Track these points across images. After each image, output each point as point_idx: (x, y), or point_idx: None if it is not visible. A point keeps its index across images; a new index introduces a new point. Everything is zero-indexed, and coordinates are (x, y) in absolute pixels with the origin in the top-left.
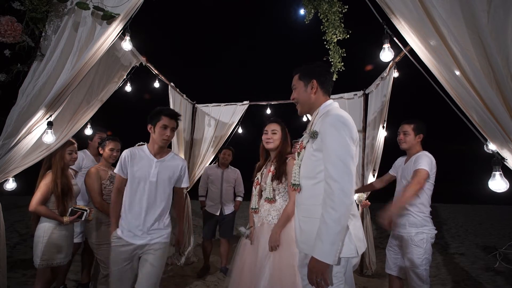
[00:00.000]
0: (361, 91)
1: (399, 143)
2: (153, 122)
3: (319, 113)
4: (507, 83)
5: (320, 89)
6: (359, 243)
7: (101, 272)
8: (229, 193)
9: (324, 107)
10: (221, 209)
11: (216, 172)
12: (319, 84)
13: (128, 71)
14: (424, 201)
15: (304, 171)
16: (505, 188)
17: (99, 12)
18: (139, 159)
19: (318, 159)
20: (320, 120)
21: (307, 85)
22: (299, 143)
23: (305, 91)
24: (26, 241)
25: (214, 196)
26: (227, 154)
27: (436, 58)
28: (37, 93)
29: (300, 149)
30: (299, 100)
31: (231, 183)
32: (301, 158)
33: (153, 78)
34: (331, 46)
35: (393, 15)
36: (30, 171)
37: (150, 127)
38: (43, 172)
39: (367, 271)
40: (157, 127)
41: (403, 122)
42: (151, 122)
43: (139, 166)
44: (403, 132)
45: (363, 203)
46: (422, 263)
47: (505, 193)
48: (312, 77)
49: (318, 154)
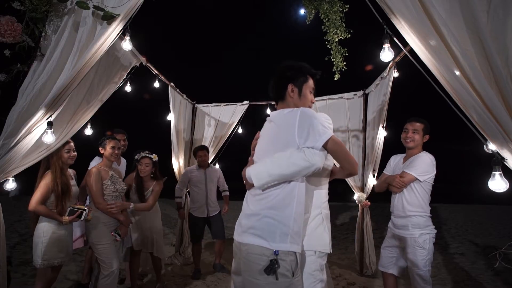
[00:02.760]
0: (361, 91)
1: (405, 141)
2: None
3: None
4: (507, 83)
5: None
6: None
7: (101, 272)
8: (213, 192)
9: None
10: (207, 210)
11: (198, 174)
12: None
13: (128, 71)
14: (425, 201)
15: None
16: (505, 188)
17: (99, 12)
18: None
19: None
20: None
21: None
22: None
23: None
24: (26, 241)
25: (199, 198)
26: (204, 155)
27: (436, 58)
28: (37, 93)
29: None
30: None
31: (215, 182)
32: None
33: (153, 78)
34: (332, 46)
35: (393, 15)
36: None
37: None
38: (42, 172)
39: (367, 271)
40: None
41: (411, 119)
42: None
43: None
44: (413, 130)
45: (363, 203)
46: (425, 264)
47: (505, 193)
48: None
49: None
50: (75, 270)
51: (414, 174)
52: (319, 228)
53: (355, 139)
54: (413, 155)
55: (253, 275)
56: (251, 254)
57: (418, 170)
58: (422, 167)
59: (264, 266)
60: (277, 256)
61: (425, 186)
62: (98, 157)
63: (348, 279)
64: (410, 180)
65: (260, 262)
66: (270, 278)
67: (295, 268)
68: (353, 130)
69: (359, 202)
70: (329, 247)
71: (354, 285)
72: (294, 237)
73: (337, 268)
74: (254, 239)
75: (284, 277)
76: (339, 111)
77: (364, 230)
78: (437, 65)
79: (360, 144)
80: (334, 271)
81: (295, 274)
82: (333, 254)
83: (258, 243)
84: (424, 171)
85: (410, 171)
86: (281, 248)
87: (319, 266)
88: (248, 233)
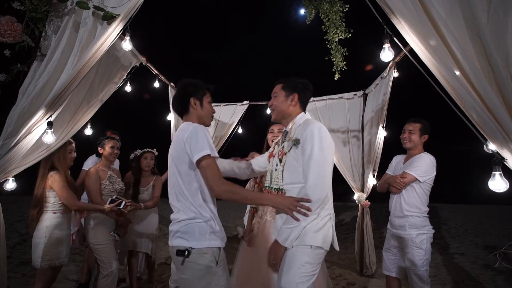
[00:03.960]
0: (361, 91)
1: (403, 142)
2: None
3: (296, 123)
4: (507, 83)
5: (299, 103)
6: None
7: (101, 272)
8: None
9: (300, 118)
10: None
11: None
12: (299, 98)
13: (128, 71)
14: (423, 201)
15: (287, 176)
16: (505, 188)
17: (100, 12)
18: None
19: (301, 164)
20: (299, 129)
21: (288, 96)
22: (280, 149)
23: (285, 101)
24: (26, 241)
25: None
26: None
27: (436, 58)
28: (37, 93)
29: (282, 156)
30: (276, 108)
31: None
32: (284, 164)
33: (153, 78)
34: (333, 46)
35: (393, 15)
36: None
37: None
38: (43, 173)
39: (367, 271)
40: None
41: (410, 120)
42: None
43: None
44: (409, 130)
45: (363, 203)
46: (423, 264)
47: (505, 193)
48: (294, 90)
49: (301, 160)
50: (75, 270)
51: (414, 174)
52: (326, 226)
53: (355, 139)
54: (414, 155)
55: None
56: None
57: (419, 171)
58: (423, 167)
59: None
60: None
61: (424, 186)
62: (94, 156)
63: (348, 279)
64: (410, 181)
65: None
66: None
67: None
68: (353, 130)
69: (359, 202)
70: (334, 245)
71: (354, 285)
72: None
73: (337, 268)
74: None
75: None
76: (339, 111)
77: (364, 230)
78: (437, 65)
79: (360, 144)
80: (334, 271)
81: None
82: (333, 254)
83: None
84: (424, 172)
85: (410, 171)
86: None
87: (311, 259)
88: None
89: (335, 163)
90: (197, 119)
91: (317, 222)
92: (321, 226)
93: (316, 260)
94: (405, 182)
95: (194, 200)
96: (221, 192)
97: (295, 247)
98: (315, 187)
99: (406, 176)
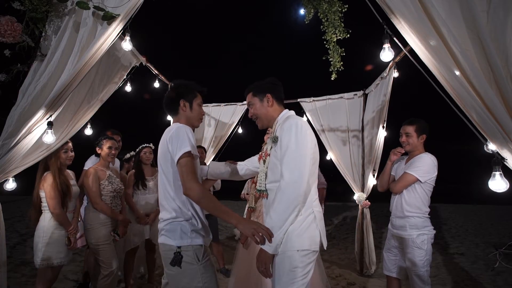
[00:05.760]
0: (361, 91)
1: (402, 146)
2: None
3: (278, 122)
4: (507, 83)
5: (275, 101)
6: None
7: (101, 272)
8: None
9: (282, 116)
10: (202, 210)
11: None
12: (273, 97)
13: (128, 71)
14: (424, 202)
15: (270, 175)
16: (505, 188)
17: (100, 12)
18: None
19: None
20: (279, 127)
21: (263, 99)
22: (263, 151)
23: (262, 105)
24: (26, 241)
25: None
26: (201, 152)
27: (436, 58)
28: (38, 93)
29: (265, 157)
30: (258, 115)
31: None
32: (267, 165)
33: (153, 78)
34: (330, 46)
35: (393, 15)
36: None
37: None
38: (41, 173)
39: (367, 271)
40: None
41: (405, 122)
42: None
43: None
44: (405, 133)
45: (363, 203)
46: (423, 264)
47: (505, 193)
48: (266, 91)
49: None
50: (75, 270)
51: (415, 174)
52: (310, 227)
53: (355, 139)
54: (414, 156)
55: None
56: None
57: (420, 171)
58: (424, 168)
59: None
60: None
61: (425, 187)
62: (94, 156)
63: (348, 279)
64: (412, 181)
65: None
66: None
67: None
68: (353, 130)
69: (359, 202)
70: (322, 244)
71: (354, 285)
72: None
73: (337, 268)
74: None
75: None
76: (339, 111)
77: (364, 230)
78: (437, 65)
79: (360, 144)
80: (334, 271)
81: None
82: (333, 254)
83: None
84: (425, 172)
85: (412, 171)
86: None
87: (300, 263)
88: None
89: (335, 163)
90: (186, 121)
91: (300, 223)
92: (305, 228)
93: (305, 263)
94: (405, 184)
95: (178, 197)
96: (189, 190)
97: (281, 253)
98: (290, 184)
99: (407, 176)
